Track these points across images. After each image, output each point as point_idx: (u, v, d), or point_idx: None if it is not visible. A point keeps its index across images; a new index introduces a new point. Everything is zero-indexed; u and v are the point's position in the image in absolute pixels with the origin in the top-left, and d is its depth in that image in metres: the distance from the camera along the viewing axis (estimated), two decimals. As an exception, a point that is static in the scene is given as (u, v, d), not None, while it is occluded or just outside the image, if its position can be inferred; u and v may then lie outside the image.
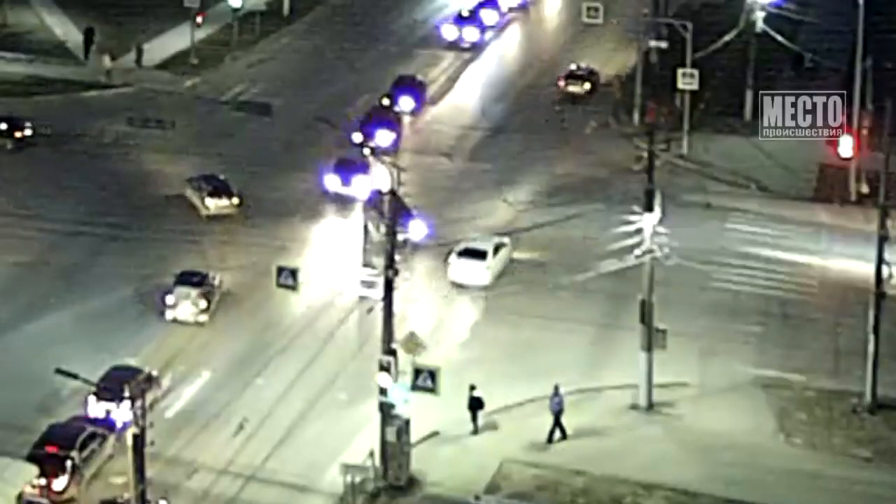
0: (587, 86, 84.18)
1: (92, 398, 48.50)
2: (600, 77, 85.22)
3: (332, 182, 67.91)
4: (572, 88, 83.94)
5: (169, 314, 55.91)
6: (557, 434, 48.93)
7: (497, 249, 61.24)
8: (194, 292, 56.06)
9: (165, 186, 68.84)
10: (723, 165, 72.77)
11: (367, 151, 69.19)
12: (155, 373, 50.91)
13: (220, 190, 66.37)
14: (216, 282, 57.64)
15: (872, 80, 69.63)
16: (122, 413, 46.64)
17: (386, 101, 77.77)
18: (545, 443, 48.60)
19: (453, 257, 60.32)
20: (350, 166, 68.28)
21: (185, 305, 55.85)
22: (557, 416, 48.75)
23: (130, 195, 67.87)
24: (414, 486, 46.46)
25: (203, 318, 55.90)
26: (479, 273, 60.07)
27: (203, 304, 56.06)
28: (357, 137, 72.48)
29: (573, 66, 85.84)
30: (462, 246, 60.98)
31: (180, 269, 58.06)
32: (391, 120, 75.30)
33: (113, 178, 69.75)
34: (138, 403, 40.74)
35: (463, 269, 60.04)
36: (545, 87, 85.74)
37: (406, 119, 77.64)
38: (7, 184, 68.08)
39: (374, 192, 58.37)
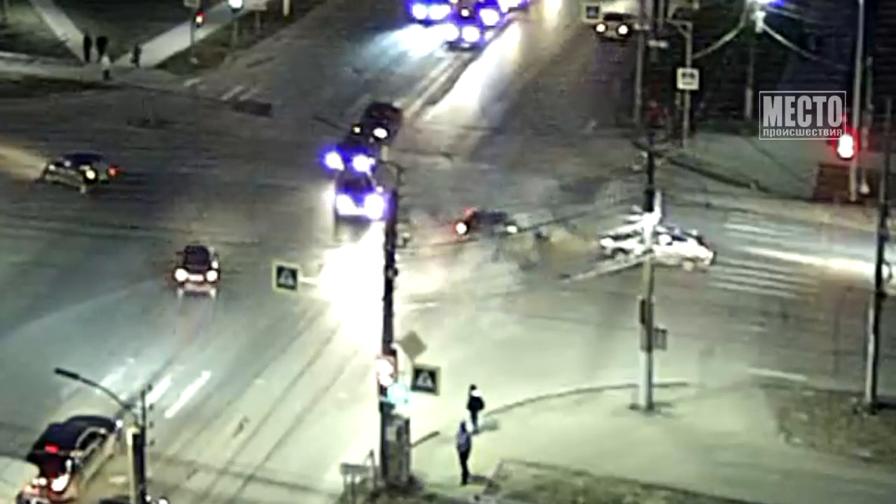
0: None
1: (181, 271, 57.65)
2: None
3: (343, 204, 66.24)
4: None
5: None
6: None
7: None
8: None
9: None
10: (723, 165, 72.80)
11: (368, 170, 68.10)
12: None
13: None
14: None
15: (873, 79, 69.75)
16: (209, 280, 57.98)
17: (357, 130, 74.25)
18: (461, 484, 46.41)
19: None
20: (359, 186, 66.56)
21: None
22: (464, 454, 46.52)
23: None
24: (414, 486, 46.46)
25: None
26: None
27: None
28: (333, 162, 70.31)
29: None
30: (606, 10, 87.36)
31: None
32: (367, 147, 72.00)
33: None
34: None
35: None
36: (546, 86, 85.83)
37: (383, 148, 73.63)
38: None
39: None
